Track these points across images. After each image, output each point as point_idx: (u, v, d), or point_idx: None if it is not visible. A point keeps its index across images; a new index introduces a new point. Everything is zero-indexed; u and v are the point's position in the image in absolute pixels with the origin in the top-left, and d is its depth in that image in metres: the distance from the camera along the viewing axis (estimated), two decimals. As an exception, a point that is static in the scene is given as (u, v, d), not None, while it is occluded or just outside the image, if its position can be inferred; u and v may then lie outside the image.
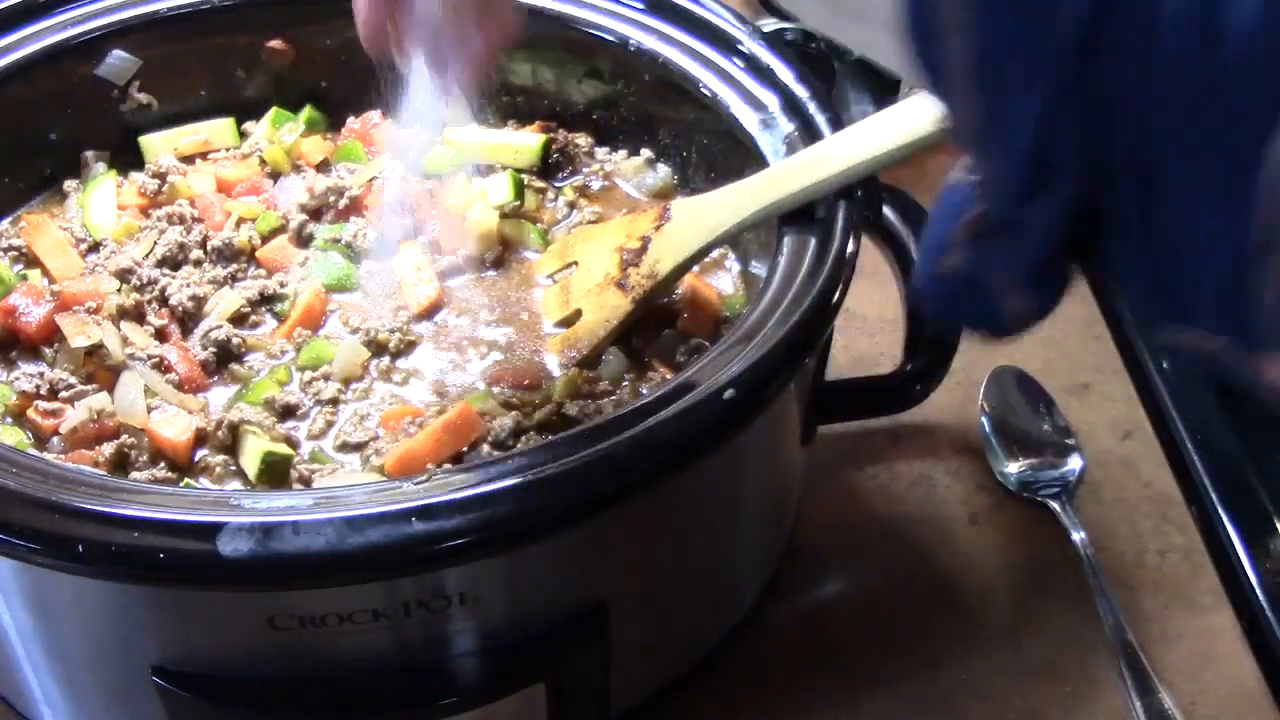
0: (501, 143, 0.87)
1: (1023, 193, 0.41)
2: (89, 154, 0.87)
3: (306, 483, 0.67)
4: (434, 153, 0.86)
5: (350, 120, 0.89)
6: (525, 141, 0.87)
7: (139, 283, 0.77)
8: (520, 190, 0.84)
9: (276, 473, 0.67)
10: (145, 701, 0.59)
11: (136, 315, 0.75)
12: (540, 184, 0.87)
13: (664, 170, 0.88)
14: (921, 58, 0.41)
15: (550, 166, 0.88)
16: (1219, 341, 0.39)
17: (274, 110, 0.89)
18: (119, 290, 0.76)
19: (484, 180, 0.85)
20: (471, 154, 0.87)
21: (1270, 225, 0.35)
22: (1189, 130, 0.36)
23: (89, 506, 0.53)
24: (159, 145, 0.88)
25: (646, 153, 0.88)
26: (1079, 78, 0.37)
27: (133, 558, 0.52)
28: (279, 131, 0.88)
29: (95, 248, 0.80)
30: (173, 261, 0.79)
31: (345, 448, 0.70)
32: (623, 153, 0.89)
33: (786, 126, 0.75)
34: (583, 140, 0.89)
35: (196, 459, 0.69)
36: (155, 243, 0.80)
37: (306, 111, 0.90)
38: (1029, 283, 0.44)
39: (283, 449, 0.68)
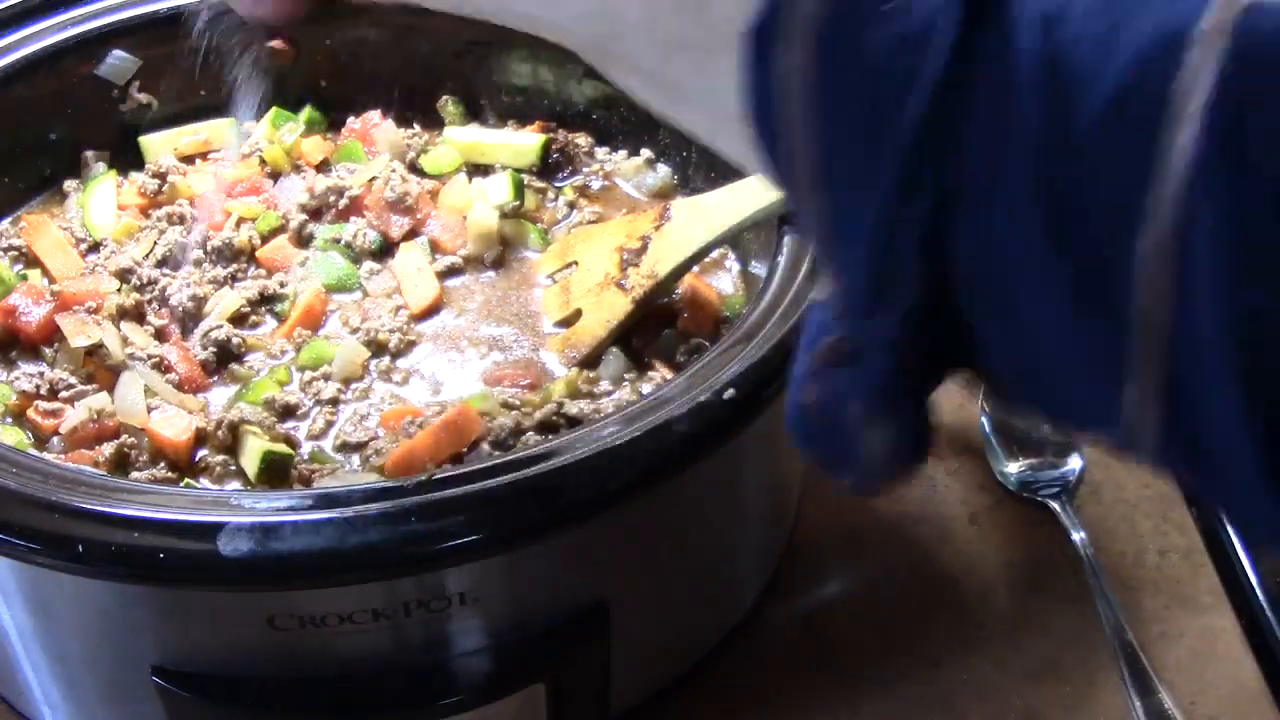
0: (501, 143, 0.87)
1: (867, 304, 0.37)
2: (89, 154, 0.87)
3: (306, 483, 0.67)
4: (434, 152, 0.86)
5: (350, 120, 0.89)
6: (525, 141, 0.87)
7: (139, 283, 0.77)
8: (520, 190, 0.84)
9: (276, 473, 0.67)
10: (145, 701, 0.59)
11: (136, 315, 0.75)
12: (540, 184, 0.86)
13: (664, 170, 0.87)
14: (765, 154, 0.38)
15: (550, 166, 0.88)
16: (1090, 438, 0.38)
17: (274, 110, 0.89)
18: (119, 290, 0.76)
19: (484, 180, 0.85)
20: (471, 154, 0.87)
21: (1132, 341, 0.32)
22: (1043, 239, 0.33)
23: (89, 506, 0.53)
24: (159, 145, 0.87)
25: (646, 153, 0.88)
26: (918, 175, 0.34)
27: (133, 558, 0.52)
28: (279, 131, 0.88)
29: (95, 248, 0.80)
30: (173, 261, 0.79)
31: (345, 448, 0.70)
32: (623, 153, 0.89)
33: (786, 126, 0.75)
34: (583, 140, 0.89)
35: (196, 459, 0.69)
36: (155, 243, 0.80)
37: (306, 111, 0.90)
38: (880, 410, 0.39)
39: (283, 449, 0.68)
